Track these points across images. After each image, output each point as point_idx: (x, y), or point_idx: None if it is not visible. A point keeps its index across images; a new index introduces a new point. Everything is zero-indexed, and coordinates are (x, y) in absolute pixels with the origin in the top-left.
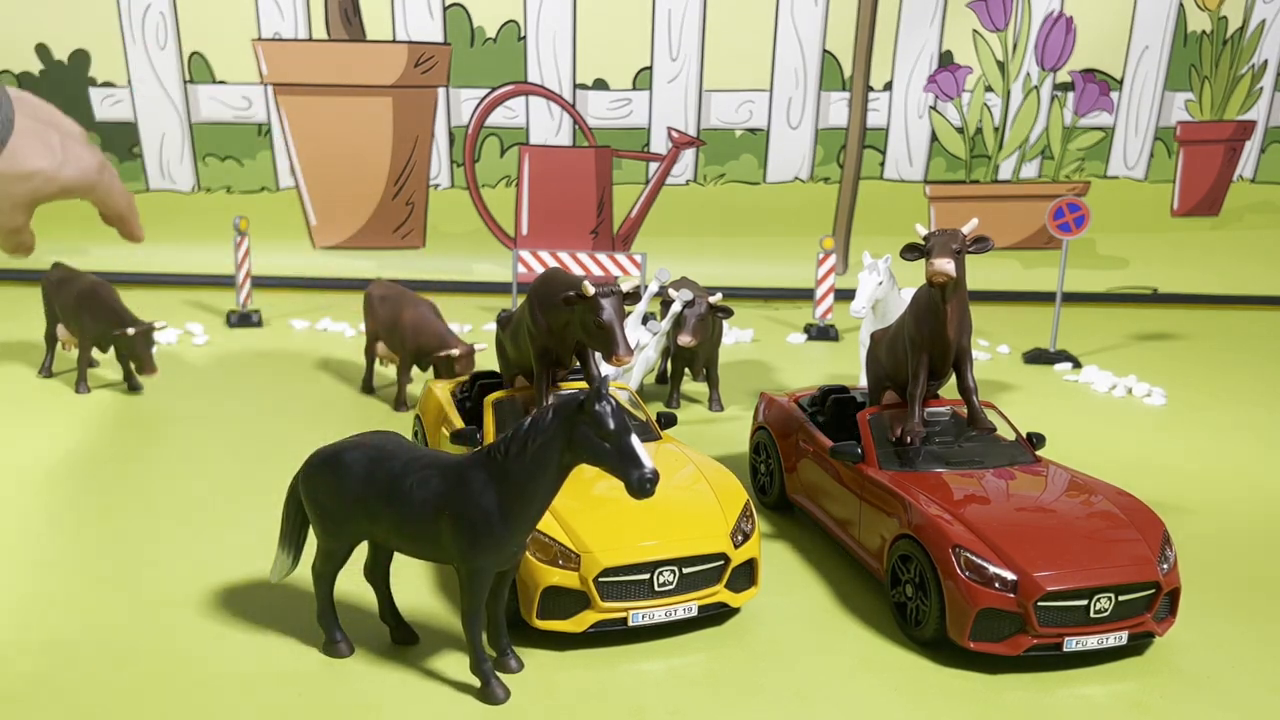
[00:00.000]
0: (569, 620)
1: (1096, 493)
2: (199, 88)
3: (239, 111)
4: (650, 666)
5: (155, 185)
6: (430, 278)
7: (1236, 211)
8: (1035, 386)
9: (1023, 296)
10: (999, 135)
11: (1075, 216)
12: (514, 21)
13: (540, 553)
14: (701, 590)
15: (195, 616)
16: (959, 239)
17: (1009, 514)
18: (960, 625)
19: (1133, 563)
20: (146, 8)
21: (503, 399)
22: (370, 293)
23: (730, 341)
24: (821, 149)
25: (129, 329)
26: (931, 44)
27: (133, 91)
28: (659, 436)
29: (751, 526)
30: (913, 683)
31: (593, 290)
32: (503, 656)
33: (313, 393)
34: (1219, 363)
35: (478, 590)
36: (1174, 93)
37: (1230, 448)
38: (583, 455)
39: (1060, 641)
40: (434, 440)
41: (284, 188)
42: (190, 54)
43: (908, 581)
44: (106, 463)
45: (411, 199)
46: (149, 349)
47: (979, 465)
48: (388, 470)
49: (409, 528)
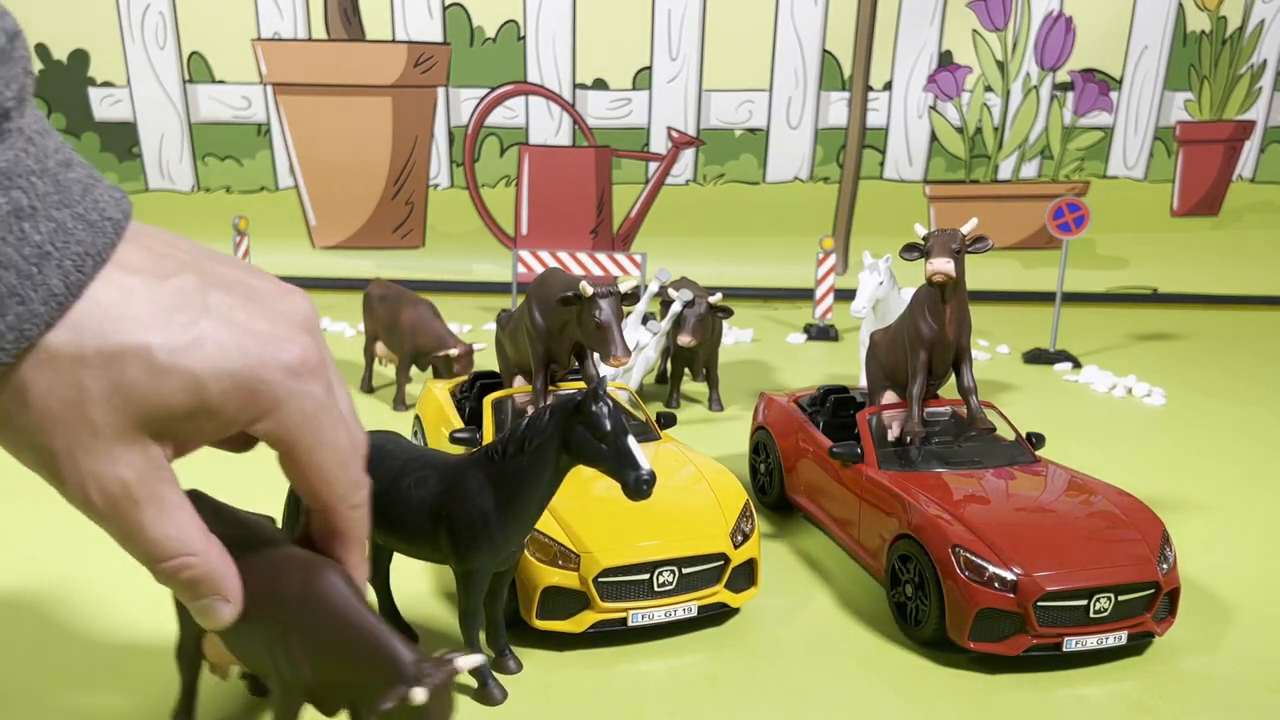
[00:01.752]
0: (568, 621)
1: (1096, 493)
2: (198, 87)
3: (238, 111)
4: (650, 667)
5: (155, 185)
6: (430, 277)
7: (1236, 211)
8: (1035, 386)
9: (1022, 296)
10: (999, 135)
11: (1075, 216)
12: (514, 21)
13: (540, 553)
14: (701, 590)
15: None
16: (958, 239)
17: (1008, 514)
18: (960, 625)
19: (1132, 563)
20: (146, 7)
21: (502, 399)
22: (369, 293)
23: (730, 341)
24: (821, 149)
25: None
26: (931, 44)
27: (132, 91)
28: (658, 436)
29: (751, 527)
30: (912, 683)
31: (591, 290)
32: (501, 657)
33: None
34: (1219, 363)
35: (475, 591)
36: (1173, 92)
37: (1230, 447)
38: (580, 456)
39: (1060, 641)
40: (433, 440)
41: (283, 187)
42: (190, 54)
43: (907, 581)
44: None
45: (411, 199)
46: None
47: (978, 465)
48: (386, 470)
49: (407, 528)
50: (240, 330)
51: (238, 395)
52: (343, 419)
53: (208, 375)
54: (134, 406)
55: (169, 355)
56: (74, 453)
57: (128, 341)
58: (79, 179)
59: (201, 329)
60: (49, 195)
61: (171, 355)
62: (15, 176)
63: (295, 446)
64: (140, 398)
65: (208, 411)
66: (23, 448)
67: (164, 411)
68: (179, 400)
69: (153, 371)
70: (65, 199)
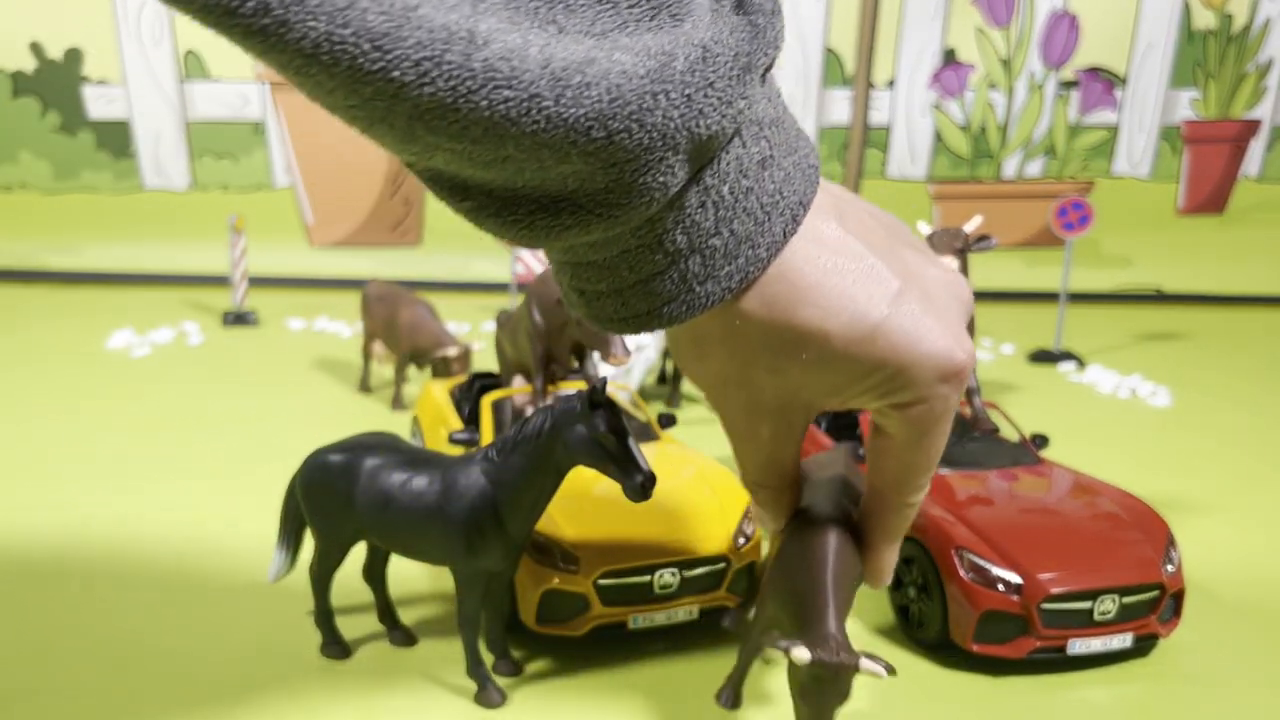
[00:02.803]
0: (568, 624)
1: (1100, 494)
2: (194, 85)
3: (235, 109)
4: (650, 671)
5: (150, 184)
6: (428, 276)
7: (1242, 210)
8: (1039, 386)
9: (1026, 296)
10: (1003, 133)
11: (1079, 215)
12: None
13: (539, 555)
14: (702, 593)
15: (192, 616)
16: (962, 237)
17: (1012, 515)
18: (963, 628)
19: (1137, 564)
20: (141, 5)
21: (501, 399)
22: (367, 292)
23: None
24: (824, 147)
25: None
26: (935, 41)
27: (127, 89)
28: (659, 437)
29: (753, 529)
30: (915, 685)
31: None
32: (500, 660)
33: (309, 392)
34: (1224, 362)
35: (473, 593)
36: (1179, 90)
37: (1235, 448)
38: (579, 457)
39: (1064, 644)
40: (432, 441)
41: (280, 186)
42: (185, 51)
43: (910, 584)
44: (98, 462)
45: (409, 197)
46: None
47: (982, 466)
48: (384, 471)
49: (405, 529)
50: (917, 320)
51: (891, 381)
52: (949, 425)
53: (872, 360)
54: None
55: (847, 328)
56: (727, 387)
57: (810, 314)
58: (792, 123)
59: (884, 310)
60: (781, 144)
61: (849, 329)
62: (765, 125)
63: (906, 438)
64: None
65: (856, 386)
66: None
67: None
68: (841, 371)
69: (829, 346)
70: (790, 146)
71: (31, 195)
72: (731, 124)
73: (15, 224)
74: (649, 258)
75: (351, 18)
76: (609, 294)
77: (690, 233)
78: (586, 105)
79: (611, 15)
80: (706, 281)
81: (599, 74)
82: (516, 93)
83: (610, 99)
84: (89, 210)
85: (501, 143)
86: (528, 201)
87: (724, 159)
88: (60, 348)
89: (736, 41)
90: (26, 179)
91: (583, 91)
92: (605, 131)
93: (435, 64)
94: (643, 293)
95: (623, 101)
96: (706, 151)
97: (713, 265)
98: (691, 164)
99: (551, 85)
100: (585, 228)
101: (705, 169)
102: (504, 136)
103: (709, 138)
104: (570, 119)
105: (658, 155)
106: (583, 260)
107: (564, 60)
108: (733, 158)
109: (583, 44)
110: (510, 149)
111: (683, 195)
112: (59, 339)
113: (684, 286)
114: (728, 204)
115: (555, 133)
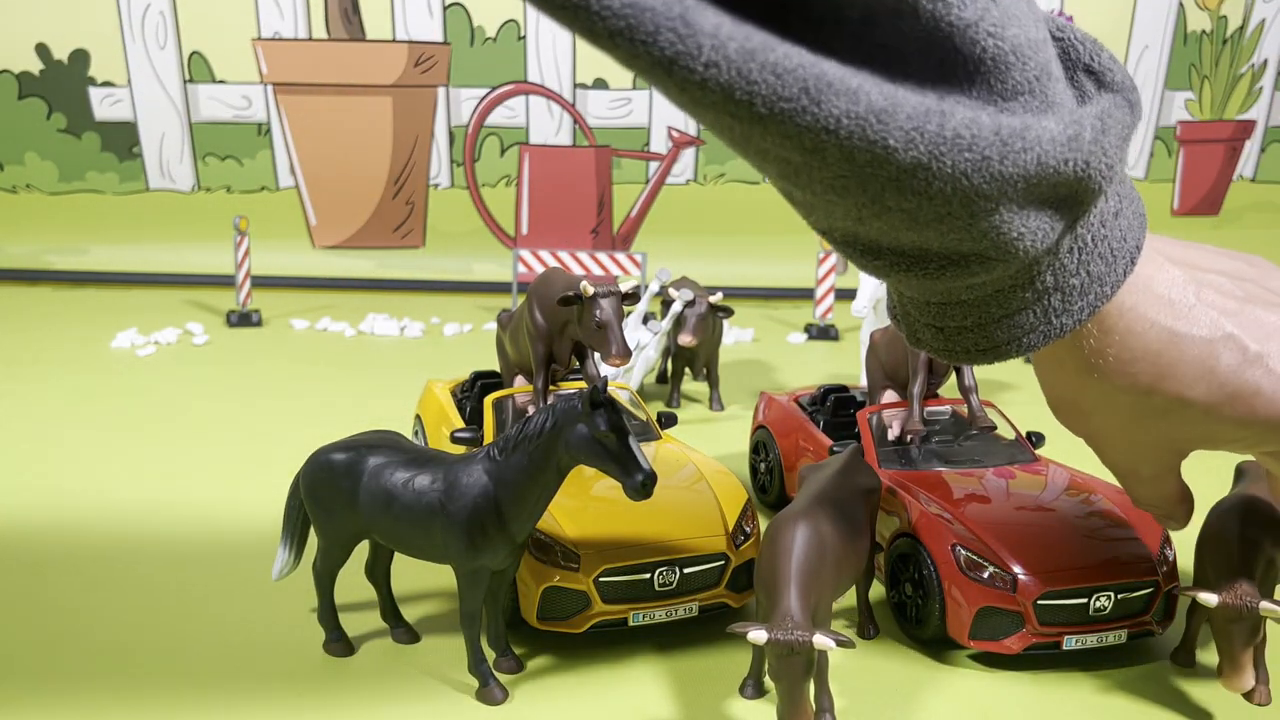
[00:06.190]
0: (569, 621)
1: (1096, 491)
2: (199, 87)
3: (239, 111)
4: (650, 667)
5: (155, 185)
6: (430, 277)
7: (1237, 211)
8: (1035, 385)
9: None
10: None
11: None
12: (514, 21)
13: (540, 553)
14: (702, 590)
15: (195, 614)
16: None
17: (1009, 513)
18: (960, 624)
19: (1132, 561)
20: (146, 7)
21: (502, 399)
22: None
23: (730, 341)
24: None
25: None
26: None
27: (132, 91)
28: (659, 436)
29: (752, 527)
30: (912, 682)
31: (591, 290)
32: (501, 657)
33: (312, 392)
34: None
35: (475, 590)
36: (1174, 92)
37: None
38: (580, 456)
39: (1060, 640)
40: (434, 440)
41: (284, 187)
42: (190, 53)
43: (907, 580)
44: (103, 461)
45: (411, 199)
46: None
47: (978, 464)
48: (387, 470)
49: (407, 527)
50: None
51: (1260, 439)
52: None
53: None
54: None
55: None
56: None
57: (1173, 390)
58: (1126, 173)
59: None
60: (1125, 195)
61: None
62: (1119, 181)
63: None
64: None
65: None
66: None
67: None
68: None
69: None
70: (1131, 196)
71: (37, 196)
72: (1109, 184)
73: (21, 225)
74: (1019, 295)
75: (860, 98)
76: (973, 329)
77: (1058, 274)
78: (1021, 166)
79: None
80: (1063, 315)
81: (1034, 139)
82: (974, 154)
83: (1039, 164)
84: (94, 211)
85: (949, 201)
86: (939, 257)
87: (1093, 211)
88: (65, 348)
89: (1121, 115)
90: (32, 180)
91: (1022, 154)
92: (1027, 187)
93: (920, 132)
94: (1006, 325)
95: (1046, 165)
96: (1088, 204)
97: (1069, 300)
98: (1073, 215)
99: (999, 148)
100: (988, 271)
101: (1079, 219)
102: (955, 192)
103: (1097, 195)
104: (1008, 175)
105: None
106: (955, 300)
107: (1010, 126)
108: (1098, 210)
109: (1019, 115)
110: (955, 206)
111: (1059, 241)
112: (64, 339)
113: (1044, 319)
114: (1089, 249)
115: (994, 187)
